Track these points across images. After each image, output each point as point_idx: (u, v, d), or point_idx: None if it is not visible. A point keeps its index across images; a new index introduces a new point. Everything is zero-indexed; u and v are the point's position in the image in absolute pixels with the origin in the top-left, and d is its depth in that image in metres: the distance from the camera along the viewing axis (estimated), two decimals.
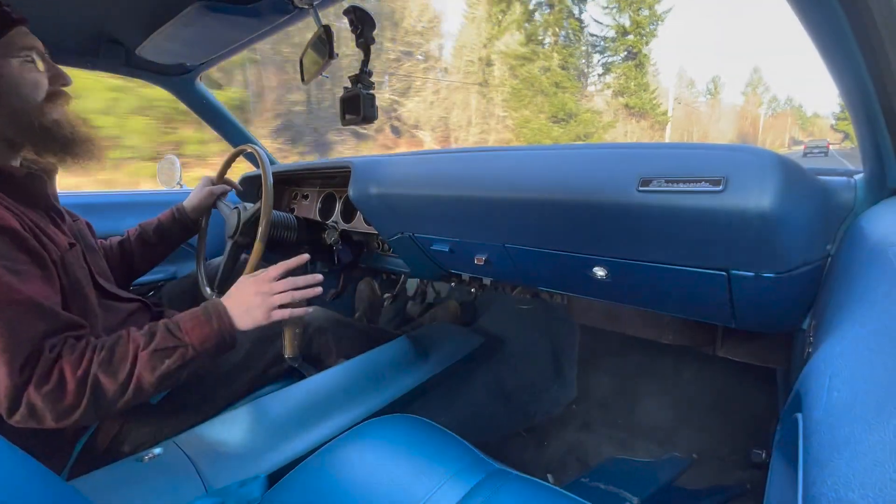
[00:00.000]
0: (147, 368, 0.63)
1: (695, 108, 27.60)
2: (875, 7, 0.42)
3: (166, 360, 0.64)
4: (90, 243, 0.82)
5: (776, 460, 0.38)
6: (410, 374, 0.99)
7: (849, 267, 0.47)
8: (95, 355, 0.61)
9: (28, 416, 0.56)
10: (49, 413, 0.57)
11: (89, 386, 0.59)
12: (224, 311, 0.71)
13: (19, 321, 0.56)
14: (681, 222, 0.59)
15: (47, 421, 0.57)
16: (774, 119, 57.61)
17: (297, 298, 0.76)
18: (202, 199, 1.06)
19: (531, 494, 0.53)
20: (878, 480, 0.20)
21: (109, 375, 0.61)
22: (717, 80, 45.15)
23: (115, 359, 0.62)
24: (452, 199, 0.85)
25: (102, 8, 0.89)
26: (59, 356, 0.59)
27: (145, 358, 0.63)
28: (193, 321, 0.68)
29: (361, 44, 0.79)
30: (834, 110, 52.90)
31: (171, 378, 0.65)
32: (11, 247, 0.58)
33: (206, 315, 0.69)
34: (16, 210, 0.62)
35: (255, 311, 0.72)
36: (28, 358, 0.56)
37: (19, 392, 0.56)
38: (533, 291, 1.36)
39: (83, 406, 0.58)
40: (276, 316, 0.73)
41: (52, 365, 0.58)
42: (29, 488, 0.36)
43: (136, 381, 0.62)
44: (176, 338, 0.66)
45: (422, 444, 0.62)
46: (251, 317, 0.72)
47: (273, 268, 0.76)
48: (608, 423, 1.26)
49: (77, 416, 0.58)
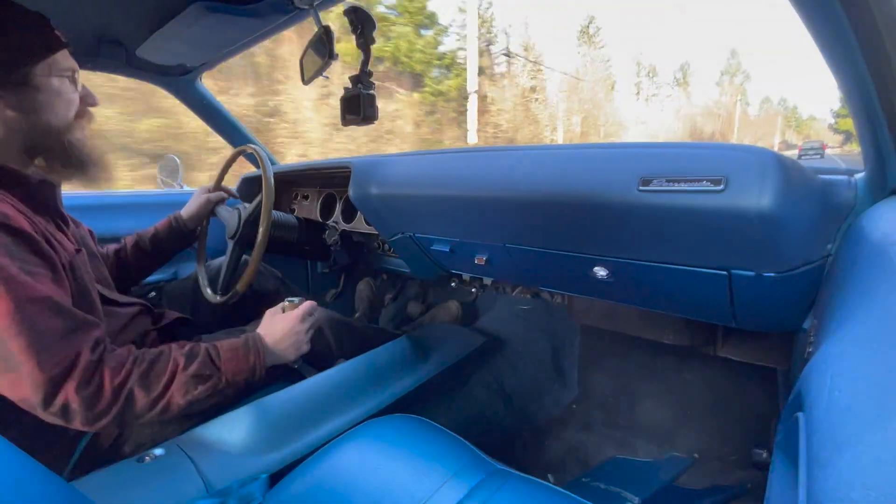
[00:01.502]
0: (181, 391, 0.65)
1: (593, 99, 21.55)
2: (876, 6, 0.42)
3: (200, 386, 0.66)
4: (92, 250, 0.83)
5: (777, 460, 0.38)
6: (410, 374, 0.99)
7: (849, 266, 0.46)
8: (136, 367, 0.63)
9: (60, 412, 0.57)
10: (80, 415, 0.58)
11: (123, 396, 0.60)
12: (263, 347, 0.75)
13: (39, 318, 0.56)
14: (681, 222, 0.59)
15: (76, 422, 0.58)
16: (763, 119, 55.55)
17: None
18: (199, 208, 1.06)
19: (531, 494, 0.53)
20: (880, 480, 0.20)
21: (144, 389, 0.62)
22: (687, 67, 42.15)
23: (152, 374, 0.64)
24: (453, 199, 0.85)
25: (103, 8, 0.89)
26: (101, 360, 0.60)
27: (182, 380, 0.65)
28: (233, 353, 0.72)
29: (361, 44, 0.79)
30: (834, 107, 51.00)
31: (198, 404, 0.67)
32: (25, 249, 0.59)
33: (245, 349, 0.73)
34: (27, 214, 0.63)
35: (288, 351, 0.79)
36: (60, 355, 0.57)
37: (56, 387, 0.56)
38: (533, 291, 1.36)
39: (112, 414, 0.60)
40: (303, 351, 0.82)
41: (94, 369, 0.59)
42: (30, 489, 0.36)
43: (167, 400, 0.64)
44: (215, 366, 0.69)
45: (422, 444, 0.62)
46: (284, 356, 0.79)
47: (307, 306, 0.84)
48: (608, 423, 1.26)
49: (104, 422, 0.60)
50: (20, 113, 0.63)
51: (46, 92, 0.64)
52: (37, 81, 0.63)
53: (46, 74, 0.64)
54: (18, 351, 0.55)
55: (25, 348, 0.55)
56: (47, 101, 0.65)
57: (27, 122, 0.64)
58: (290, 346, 0.79)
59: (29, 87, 0.63)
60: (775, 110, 60.37)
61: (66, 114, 0.67)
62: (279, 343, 0.78)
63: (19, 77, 0.62)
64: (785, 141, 55.41)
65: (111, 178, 0.77)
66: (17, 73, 0.62)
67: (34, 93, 0.63)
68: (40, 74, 0.63)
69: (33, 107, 0.64)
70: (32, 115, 0.64)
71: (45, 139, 0.66)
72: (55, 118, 0.66)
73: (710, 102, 43.47)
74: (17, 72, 0.62)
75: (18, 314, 0.55)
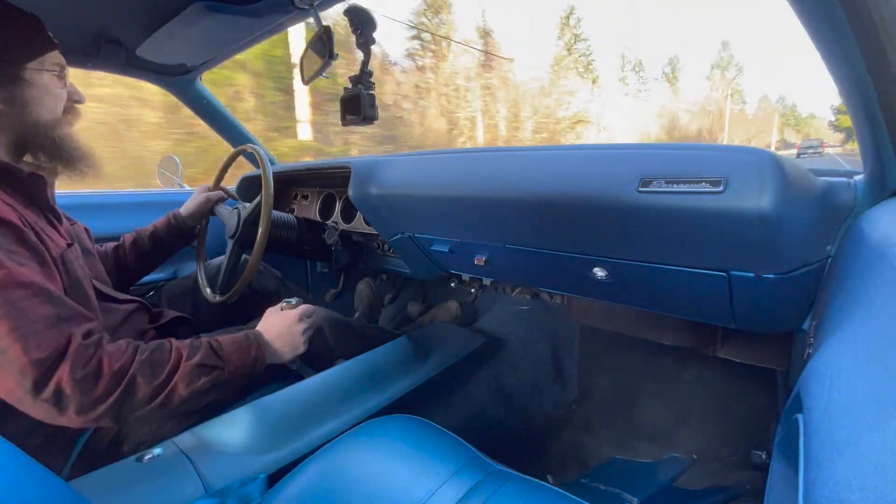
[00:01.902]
0: (184, 381, 0.64)
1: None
2: (875, 6, 0.42)
3: (203, 377, 0.66)
4: (87, 247, 0.82)
5: (776, 461, 0.38)
6: (410, 374, 0.99)
7: (849, 268, 0.46)
8: (138, 353, 0.62)
9: (52, 399, 0.55)
10: (74, 402, 0.55)
11: (125, 382, 0.59)
12: (263, 342, 0.75)
13: (26, 303, 0.55)
14: (681, 223, 0.59)
15: (69, 411, 0.56)
16: (761, 117, 53.46)
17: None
18: (199, 206, 1.06)
19: (531, 495, 0.53)
20: (879, 482, 0.19)
21: (146, 377, 0.61)
22: (676, 62, 39.55)
23: (155, 362, 0.63)
24: (452, 199, 0.84)
25: (103, 8, 0.89)
26: (98, 345, 0.59)
27: (187, 369, 0.65)
28: (235, 346, 0.72)
29: (362, 44, 0.79)
30: (834, 103, 48.70)
31: (200, 397, 0.67)
32: (12, 240, 0.58)
33: (247, 342, 0.73)
34: (16, 207, 0.63)
35: (285, 350, 0.79)
36: (52, 340, 0.55)
37: (48, 370, 0.54)
38: (533, 292, 1.36)
39: (109, 402, 0.57)
40: (299, 352, 0.81)
41: (91, 352, 0.57)
42: (28, 488, 0.36)
43: (170, 390, 0.63)
44: (218, 357, 0.69)
45: (421, 445, 0.62)
46: (280, 355, 0.79)
47: (305, 308, 0.84)
48: (608, 424, 1.25)
49: (99, 411, 0.57)
50: (11, 107, 0.64)
51: (37, 87, 0.66)
52: (28, 77, 0.65)
53: (38, 70, 0.65)
54: (3, 335, 0.52)
55: (10, 332, 0.53)
56: (38, 96, 0.66)
57: (18, 116, 0.65)
58: (287, 346, 0.79)
59: (21, 83, 0.64)
60: (773, 108, 58.62)
61: (55, 109, 0.69)
62: (276, 341, 0.78)
63: (12, 72, 0.63)
64: (783, 140, 54.10)
65: (98, 173, 0.77)
66: (10, 68, 0.63)
67: (26, 88, 0.65)
68: (32, 70, 0.65)
69: (24, 101, 0.65)
70: (24, 110, 0.65)
71: (35, 133, 0.67)
72: (46, 113, 0.67)
73: (701, 98, 40.96)
74: (10, 67, 0.63)
75: (3, 297, 0.53)
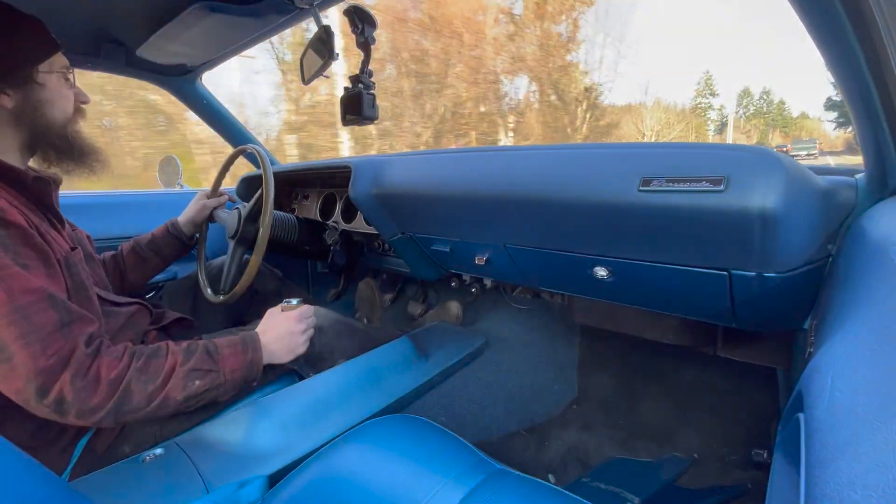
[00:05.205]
0: (178, 386, 0.65)
1: None
2: (876, 6, 0.42)
3: (197, 381, 0.66)
4: (89, 252, 0.83)
5: (778, 461, 0.38)
6: (410, 374, 0.99)
7: (850, 267, 0.46)
8: (133, 361, 0.63)
9: (54, 405, 0.57)
10: (74, 409, 0.57)
11: (120, 390, 0.60)
12: (259, 345, 0.76)
13: (33, 309, 0.56)
14: (682, 222, 0.59)
15: (69, 416, 0.58)
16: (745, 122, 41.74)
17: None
18: (197, 213, 1.07)
19: (532, 495, 0.53)
20: (881, 481, 0.19)
21: (141, 384, 0.62)
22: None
23: (150, 368, 0.64)
24: (453, 199, 0.84)
25: (103, 8, 0.89)
26: (97, 354, 0.60)
27: (180, 375, 0.65)
28: (231, 349, 0.72)
29: (362, 44, 0.79)
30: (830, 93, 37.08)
31: (196, 400, 0.67)
32: (18, 242, 0.59)
33: (243, 345, 0.73)
34: (22, 209, 0.63)
35: (283, 351, 0.79)
36: (56, 347, 0.57)
37: (51, 378, 0.56)
38: (533, 291, 1.36)
39: (107, 408, 0.59)
40: (298, 353, 0.81)
41: (91, 362, 0.59)
42: (30, 489, 0.36)
43: (165, 395, 0.64)
44: (213, 360, 0.69)
45: (422, 445, 0.62)
46: (279, 355, 0.79)
47: (305, 309, 0.84)
48: (609, 424, 1.25)
49: (98, 417, 0.59)
50: (25, 109, 0.67)
51: (48, 89, 0.68)
52: (40, 79, 0.67)
53: (48, 72, 0.68)
54: (11, 341, 0.54)
55: (18, 338, 0.55)
56: (50, 98, 0.69)
57: (32, 117, 0.67)
58: (285, 347, 0.79)
59: (34, 85, 0.67)
60: (756, 106, 44.35)
61: (66, 109, 0.72)
62: (274, 343, 0.78)
63: (25, 75, 0.66)
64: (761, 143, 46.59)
65: (108, 167, 0.80)
66: (23, 71, 0.65)
67: (38, 90, 0.67)
68: (43, 72, 0.67)
69: (38, 103, 0.67)
70: (36, 112, 0.68)
71: (47, 133, 0.70)
72: (58, 113, 0.70)
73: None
74: (22, 71, 0.65)
75: (11, 304, 0.55)
